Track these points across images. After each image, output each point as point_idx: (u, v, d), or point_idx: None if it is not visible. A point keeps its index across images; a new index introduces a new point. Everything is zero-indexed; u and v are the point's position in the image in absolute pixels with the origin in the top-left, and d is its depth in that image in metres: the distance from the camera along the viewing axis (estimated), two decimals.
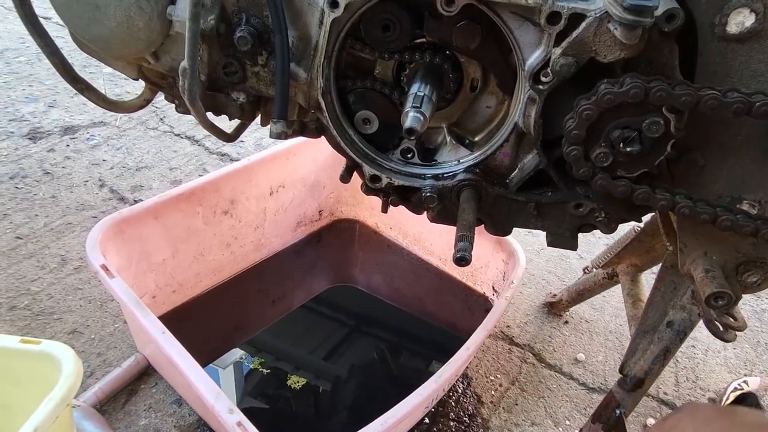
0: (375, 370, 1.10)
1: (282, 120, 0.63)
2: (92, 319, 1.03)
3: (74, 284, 1.09)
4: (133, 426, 0.87)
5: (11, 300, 1.05)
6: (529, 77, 0.57)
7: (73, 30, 0.66)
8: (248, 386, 1.02)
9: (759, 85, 0.54)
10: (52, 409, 0.59)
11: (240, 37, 0.61)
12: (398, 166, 0.69)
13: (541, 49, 0.55)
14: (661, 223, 0.76)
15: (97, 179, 1.39)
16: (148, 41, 0.64)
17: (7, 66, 1.83)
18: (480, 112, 0.67)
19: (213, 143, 1.58)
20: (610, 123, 0.55)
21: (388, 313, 1.21)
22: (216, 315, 1.12)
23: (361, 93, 0.66)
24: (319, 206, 1.30)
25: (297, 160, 1.18)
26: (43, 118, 1.59)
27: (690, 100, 0.51)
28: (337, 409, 1.01)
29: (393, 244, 1.30)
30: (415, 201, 0.71)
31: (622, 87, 0.52)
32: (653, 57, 0.54)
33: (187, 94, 0.61)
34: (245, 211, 1.12)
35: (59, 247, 1.17)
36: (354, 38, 0.62)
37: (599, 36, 0.51)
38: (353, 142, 0.68)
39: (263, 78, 0.65)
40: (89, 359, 0.96)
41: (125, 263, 0.93)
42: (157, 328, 0.75)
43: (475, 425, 0.95)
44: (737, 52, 0.53)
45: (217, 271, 1.13)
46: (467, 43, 0.59)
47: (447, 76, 0.62)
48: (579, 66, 0.53)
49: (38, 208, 1.27)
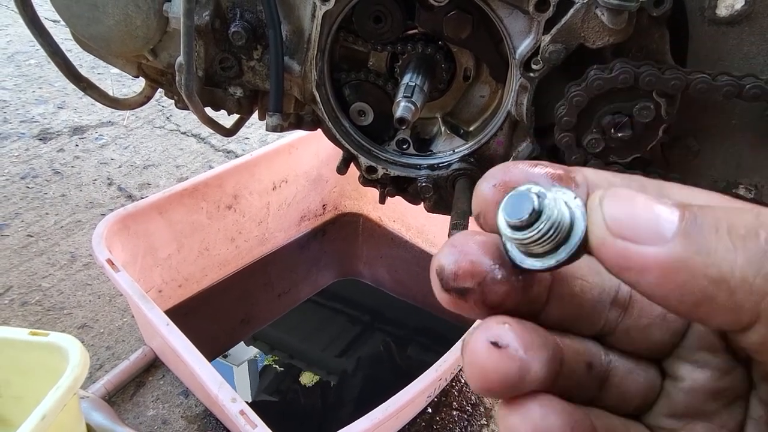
0: (381, 362, 1.11)
1: (278, 113, 0.64)
2: (101, 313, 1.05)
3: (83, 280, 1.11)
4: (141, 417, 0.89)
5: (23, 296, 1.07)
6: (520, 65, 0.57)
7: (73, 29, 0.67)
8: (263, 383, 1.04)
9: (751, 68, 0.54)
10: (59, 398, 0.61)
11: (234, 32, 0.62)
12: (394, 157, 0.69)
13: (531, 36, 0.56)
14: None
15: (105, 178, 1.41)
16: (146, 38, 0.65)
17: (17, 69, 1.86)
18: (474, 102, 0.67)
19: (218, 141, 1.60)
20: (600, 109, 0.55)
21: (394, 305, 1.22)
22: (222, 309, 1.14)
23: (356, 85, 0.67)
24: (322, 200, 1.31)
25: (299, 154, 1.19)
26: (53, 119, 1.62)
27: (679, 84, 0.51)
28: (343, 401, 1.03)
29: (396, 237, 1.31)
30: (411, 191, 0.71)
31: (612, 72, 0.52)
32: (644, 42, 0.54)
33: (184, 89, 0.62)
34: (249, 206, 1.14)
35: (69, 244, 1.19)
36: (347, 30, 0.63)
37: (587, 22, 0.51)
38: (349, 134, 0.69)
39: (259, 72, 0.66)
40: (98, 352, 0.98)
41: (131, 258, 0.95)
42: (162, 320, 0.77)
43: (478, 414, 0.95)
44: (728, 36, 0.53)
45: (223, 265, 1.14)
46: (458, 32, 0.59)
47: (439, 66, 0.63)
48: (568, 52, 0.54)
49: (48, 206, 1.30)
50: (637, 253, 0.17)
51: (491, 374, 0.19)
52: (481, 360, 0.20)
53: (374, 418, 0.69)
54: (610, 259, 0.18)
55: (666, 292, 0.17)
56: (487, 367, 0.19)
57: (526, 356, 0.20)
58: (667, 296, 0.18)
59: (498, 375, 0.19)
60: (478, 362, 0.20)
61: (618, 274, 0.18)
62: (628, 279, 0.18)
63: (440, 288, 0.22)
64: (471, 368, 0.20)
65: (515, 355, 0.20)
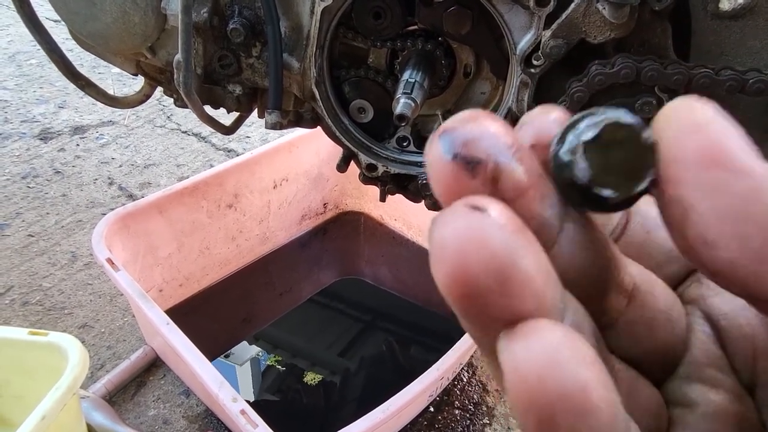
0: (384, 362, 1.11)
1: (277, 110, 0.63)
2: (102, 313, 1.05)
3: (84, 280, 1.11)
4: (142, 416, 0.89)
5: (24, 296, 1.07)
6: (521, 61, 0.56)
7: (71, 27, 0.67)
8: (265, 382, 1.03)
9: (754, 62, 0.53)
10: (59, 398, 0.61)
11: (233, 29, 0.61)
12: (394, 155, 0.69)
13: (532, 32, 0.55)
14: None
15: (106, 177, 1.41)
16: (144, 36, 0.65)
17: (18, 69, 1.86)
18: (475, 99, 0.67)
19: (219, 140, 1.60)
20: (602, 105, 0.54)
21: (396, 304, 1.22)
22: (224, 308, 1.13)
23: (355, 82, 0.66)
24: (323, 199, 1.31)
25: (300, 153, 1.18)
26: (54, 119, 1.62)
27: (682, 79, 0.50)
28: (346, 401, 1.02)
29: (398, 235, 1.30)
30: (412, 189, 0.71)
31: (614, 67, 0.52)
32: (646, 37, 0.54)
33: (182, 86, 0.62)
34: (249, 205, 1.13)
35: (70, 244, 1.19)
36: (346, 27, 0.63)
37: (588, 16, 0.51)
38: (348, 132, 0.68)
39: (258, 69, 0.65)
40: (99, 352, 0.98)
41: (131, 258, 0.95)
42: (162, 319, 0.77)
43: (480, 413, 0.95)
44: (731, 30, 0.53)
45: (223, 264, 1.14)
46: (458, 28, 0.59)
47: (439, 63, 0.62)
48: (569, 47, 0.53)
49: (49, 206, 1.30)
50: (740, 153, 0.13)
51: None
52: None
53: (374, 418, 0.69)
54: (696, 148, 0.13)
55: (751, 208, 0.13)
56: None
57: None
58: (743, 215, 0.13)
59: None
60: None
61: (696, 171, 0.13)
62: (707, 182, 0.13)
63: (440, 154, 0.15)
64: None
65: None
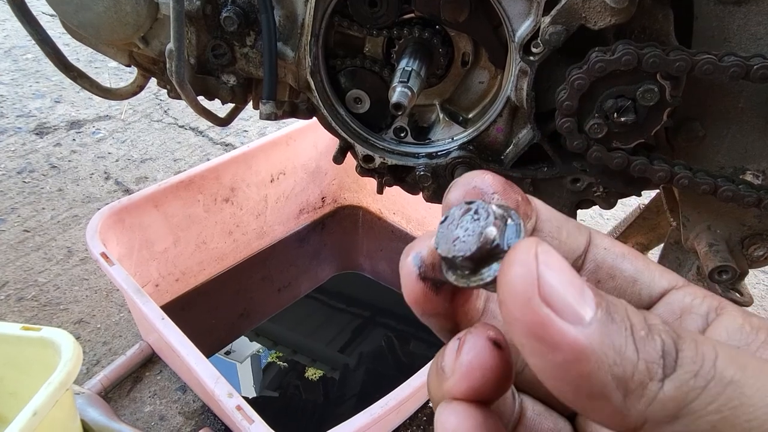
0: (383, 357, 1.10)
1: (271, 101, 0.62)
2: (98, 308, 1.04)
3: (80, 275, 1.10)
4: (138, 412, 0.88)
5: (19, 291, 1.06)
6: (520, 48, 0.55)
7: (62, 17, 0.66)
8: (266, 379, 1.02)
9: (758, 48, 0.52)
10: (51, 394, 0.60)
11: (226, 17, 0.60)
12: (391, 146, 0.68)
13: (531, 18, 0.54)
14: (664, 199, 0.74)
15: (102, 172, 1.40)
16: (137, 25, 0.64)
17: (14, 63, 1.85)
18: (473, 88, 0.66)
19: (217, 134, 1.59)
20: (603, 92, 0.53)
21: (395, 299, 1.21)
22: (221, 303, 1.13)
23: (351, 71, 0.65)
24: (321, 193, 1.30)
25: (297, 146, 1.17)
26: (50, 114, 1.60)
27: (684, 66, 0.49)
28: (346, 396, 1.01)
29: (397, 229, 1.29)
30: (409, 181, 0.70)
31: (614, 54, 0.50)
32: (647, 23, 0.52)
33: (174, 76, 0.61)
34: (246, 199, 1.12)
35: (65, 239, 1.18)
36: (341, 15, 0.61)
37: (588, 2, 0.50)
38: (345, 122, 0.67)
39: (252, 59, 0.64)
40: (95, 348, 0.97)
41: (127, 252, 0.94)
42: (157, 314, 0.76)
43: None
44: (735, 15, 0.52)
45: (220, 259, 1.13)
46: (455, 16, 0.57)
47: (437, 51, 0.61)
48: (569, 34, 0.52)
49: (45, 201, 1.29)
50: (558, 328, 0.16)
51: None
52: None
53: (373, 413, 0.68)
54: (524, 320, 0.16)
55: (565, 375, 0.16)
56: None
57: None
58: (563, 379, 0.16)
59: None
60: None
61: (522, 338, 0.17)
62: (532, 348, 0.17)
63: (415, 276, 0.21)
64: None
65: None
